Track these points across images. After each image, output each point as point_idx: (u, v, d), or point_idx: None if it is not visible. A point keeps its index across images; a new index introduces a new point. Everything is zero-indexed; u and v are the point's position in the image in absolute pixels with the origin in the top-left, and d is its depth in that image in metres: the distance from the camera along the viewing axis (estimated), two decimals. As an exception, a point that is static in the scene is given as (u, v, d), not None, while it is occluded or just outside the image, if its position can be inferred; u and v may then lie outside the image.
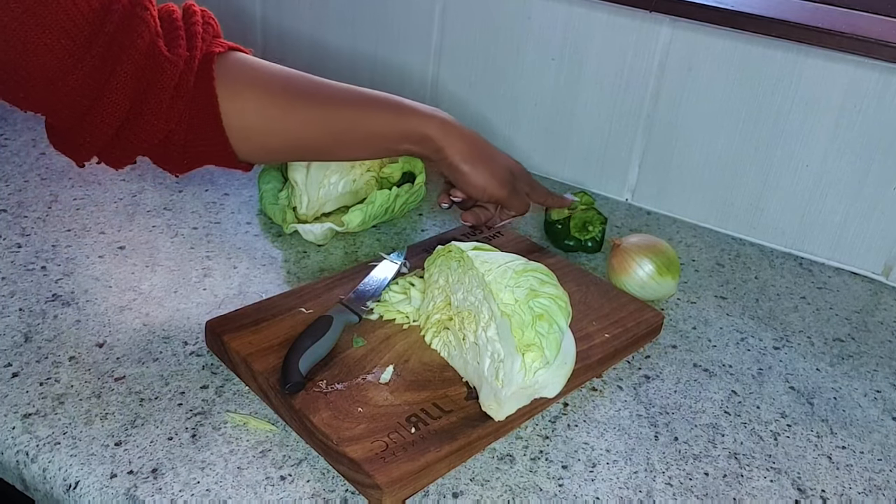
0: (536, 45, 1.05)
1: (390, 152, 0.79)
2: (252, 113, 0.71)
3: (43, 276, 0.78)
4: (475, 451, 0.63)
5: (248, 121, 0.71)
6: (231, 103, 0.69)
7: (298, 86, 0.74)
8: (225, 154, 0.72)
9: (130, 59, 0.63)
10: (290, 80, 0.74)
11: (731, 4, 0.93)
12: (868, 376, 0.78)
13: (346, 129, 0.74)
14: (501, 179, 0.81)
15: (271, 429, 0.63)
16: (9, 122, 1.08)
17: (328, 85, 0.75)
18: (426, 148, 0.77)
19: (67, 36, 0.60)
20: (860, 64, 0.88)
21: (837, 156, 0.93)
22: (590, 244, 0.91)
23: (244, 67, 0.72)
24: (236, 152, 0.72)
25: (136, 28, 0.64)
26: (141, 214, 0.90)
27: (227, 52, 0.71)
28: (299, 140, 0.74)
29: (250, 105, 0.71)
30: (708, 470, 0.64)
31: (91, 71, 0.62)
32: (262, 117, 0.71)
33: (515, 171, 0.84)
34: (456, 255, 0.69)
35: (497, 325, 0.64)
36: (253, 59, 0.74)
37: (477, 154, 0.79)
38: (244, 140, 0.72)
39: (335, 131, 0.74)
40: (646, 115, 1.01)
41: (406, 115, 0.76)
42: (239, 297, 0.78)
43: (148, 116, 0.66)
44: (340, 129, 0.74)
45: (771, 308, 0.88)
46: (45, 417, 0.62)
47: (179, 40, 0.67)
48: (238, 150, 0.72)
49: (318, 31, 1.22)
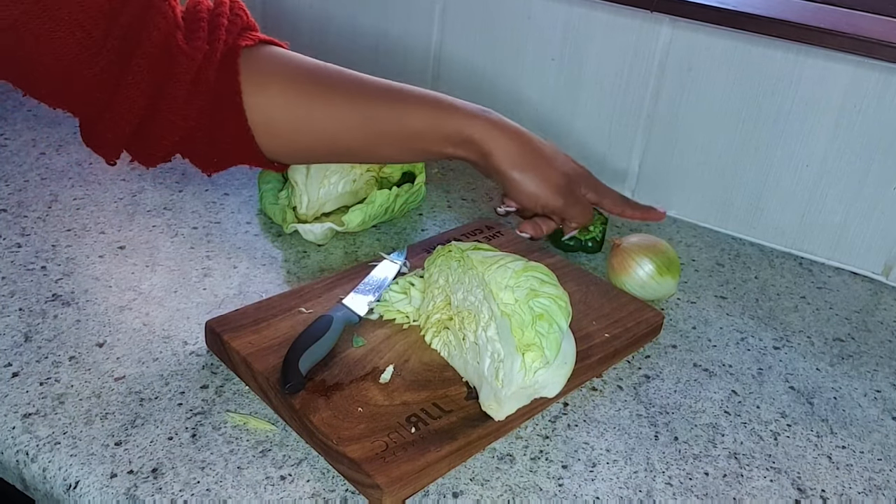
0: (536, 45, 1.05)
1: (431, 155, 0.72)
2: (277, 108, 0.66)
3: (43, 276, 0.78)
4: (475, 450, 0.63)
5: (273, 116, 0.66)
6: (255, 98, 0.65)
7: (329, 79, 0.68)
8: (251, 152, 0.68)
9: (145, 52, 0.61)
10: (320, 72, 0.68)
11: (731, 4, 0.93)
12: (868, 376, 0.78)
13: (381, 128, 0.68)
14: (556, 187, 0.72)
15: (271, 429, 0.63)
16: (9, 122, 1.08)
17: (362, 78, 0.70)
18: (470, 151, 0.70)
19: (82, 29, 0.59)
20: (860, 64, 0.88)
21: (837, 156, 0.93)
22: (590, 244, 0.92)
23: (273, 61, 0.67)
24: (264, 150, 0.68)
25: (153, 19, 0.62)
26: (141, 214, 0.90)
27: (257, 45, 0.67)
28: (330, 138, 0.69)
29: (277, 101, 0.66)
30: (708, 470, 0.64)
31: (107, 65, 0.61)
32: (287, 112, 0.67)
33: (575, 177, 0.75)
34: (456, 254, 0.69)
35: (497, 325, 0.64)
36: (285, 51, 0.69)
37: (528, 159, 0.71)
38: (271, 137, 0.67)
39: (368, 130, 0.68)
40: (646, 115, 1.01)
41: (448, 113, 0.69)
42: (239, 296, 0.78)
43: (165, 112, 0.64)
44: (374, 128, 0.68)
45: (771, 308, 0.88)
46: (45, 417, 0.62)
47: (200, 32, 0.64)
48: (266, 148, 0.68)
49: (318, 31, 1.22)
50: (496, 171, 0.71)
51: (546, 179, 0.72)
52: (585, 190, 0.76)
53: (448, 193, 1.04)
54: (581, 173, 0.76)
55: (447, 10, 1.09)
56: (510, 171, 0.70)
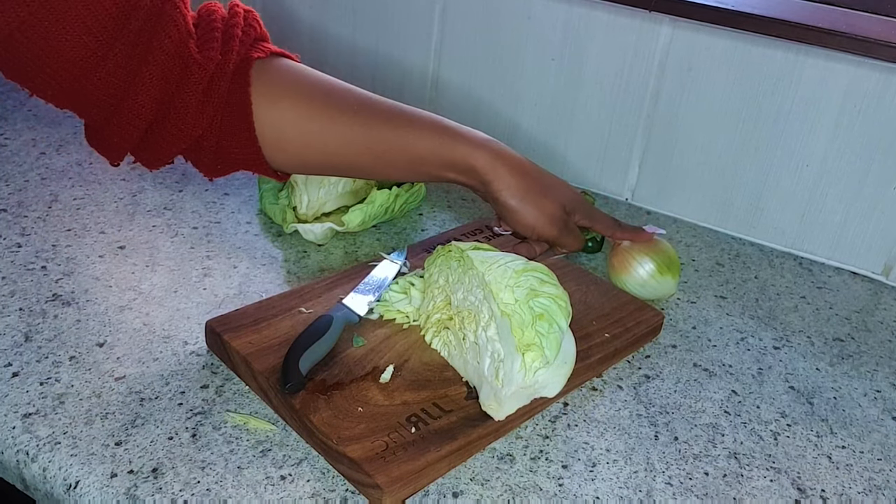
0: (536, 45, 1.05)
1: (434, 178, 0.74)
2: (289, 124, 0.67)
3: (43, 276, 0.78)
4: (475, 450, 0.63)
5: (284, 132, 0.67)
6: (266, 112, 0.66)
7: (341, 99, 0.69)
8: (257, 162, 0.69)
9: (156, 59, 0.62)
10: (333, 92, 0.69)
11: (731, 4, 0.93)
12: (868, 376, 0.78)
13: (388, 151, 0.70)
14: (552, 218, 0.74)
15: (271, 428, 0.63)
16: (9, 122, 1.08)
17: (373, 100, 0.71)
18: (472, 179, 0.72)
19: (89, 33, 0.59)
20: (860, 64, 0.88)
21: (837, 156, 0.93)
22: (590, 244, 0.91)
23: (285, 75, 0.68)
24: (271, 162, 0.69)
25: (164, 27, 0.62)
26: (141, 214, 0.90)
27: (270, 57, 0.68)
28: (337, 155, 0.70)
29: (288, 115, 0.67)
30: (708, 470, 0.64)
31: (115, 69, 0.61)
32: (299, 130, 0.68)
33: (570, 207, 0.76)
34: (456, 254, 0.69)
35: (497, 325, 0.64)
36: (297, 66, 0.70)
37: (527, 190, 0.72)
38: (279, 151, 0.68)
39: (376, 152, 0.70)
40: (646, 115, 1.01)
41: (453, 141, 0.71)
42: (239, 296, 0.78)
43: (175, 120, 0.64)
44: (381, 150, 0.70)
45: (771, 308, 0.88)
46: (46, 417, 0.62)
47: (213, 42, 0.64)
48: (272, 160, 0.69)
49: (318, 31, 1.22)
50: (495, 200, 0.73)
51: (542, 211, 0.73)
52: (579, 217, 0.78)
53: (448, 193, 1.04)
54: (576, 201, 0.78)
55: (447, 10, 1.09)
56: (509, 200, 0.72)
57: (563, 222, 0.76)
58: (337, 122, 0.68)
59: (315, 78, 0.70)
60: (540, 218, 0.73)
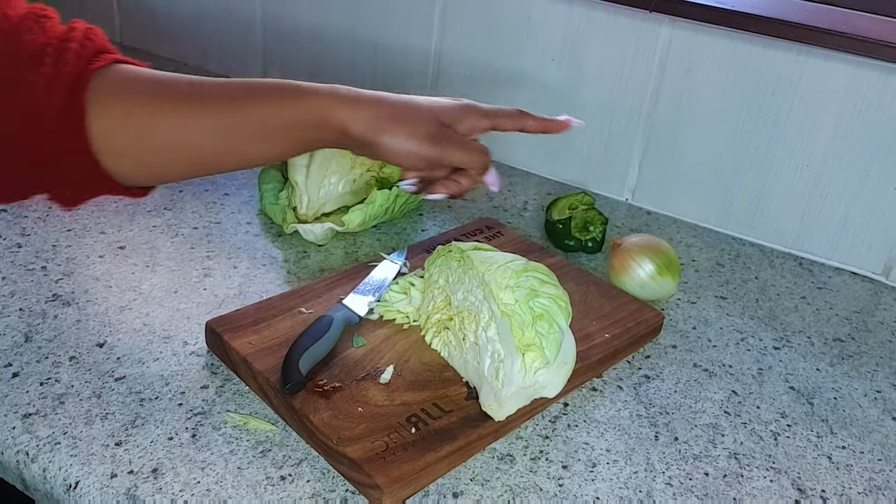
0: (536, 45, 1.05)
1: (299, 145, 0.66)
2: (117, 127, 0.61)
3: (43, 276, 0.78)
4: (475, 451, 0.63)
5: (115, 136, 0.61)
6: (99, 120, 0.60)
7: (169, 88, 0.63)
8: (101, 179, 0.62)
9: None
10: (161, 84, 0.63)
11: (731, 4, 0.93)
12: (868, 376, 0.78)
13: (232, 126, 0.63)
14: (428, 136, 0.65)
15: (271, 429, 0.63)
16: (9, 122, 1.08)
17: (208, 82, 0.64)
18: (331, 132, 0.64)
19: None
20: (860, 64, 0.88)
21: (837, 156, 0.93)
22: (590, 244, 0.92)
23: (120, 80, 0.61)
24: (116, 176, 0.62)
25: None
26: (141, 214, 0.90)
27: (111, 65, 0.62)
28: (186, 150, 0.63)
29: (119, 121, 0.61)
30: (708, 470, 0.64)
31: None
32: (127, 130, 0.61)
33: (450, 117, 0.67)
34: (456, 255, 0.69)
35: (497, 325, 0.64)
36: (135, 69, 0.63)
37: (385, 119, 0.64)
38: (119, 159, 0.62)
39: (225, 133, 0.63)
40: (646, 115, 1.01)
41: (294, 98, 0.63)
42: (239, 297, 0.78)
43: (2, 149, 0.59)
44: (230, 130, 0.63)
45: (771, 308, 0.88)
46: (46, 417, 0.62)
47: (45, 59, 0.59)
48: (117, 173, 0.62)
49: (318, 30, 1.22)
50: (359, 144, 0.65)
51: (412, 132, 0.65)
52: (472, 123, 0.69)
53: (448, 193, 1.04)
54: (457, 108, 0.68)
55: (447, 10, 1.09)
56: (371, 137, 0.64)
57: (445, 136, 0.66)
58: (167, 111, 0.62)
59: (151, 77, 0.64)
60: (412, 140, 0.65)
